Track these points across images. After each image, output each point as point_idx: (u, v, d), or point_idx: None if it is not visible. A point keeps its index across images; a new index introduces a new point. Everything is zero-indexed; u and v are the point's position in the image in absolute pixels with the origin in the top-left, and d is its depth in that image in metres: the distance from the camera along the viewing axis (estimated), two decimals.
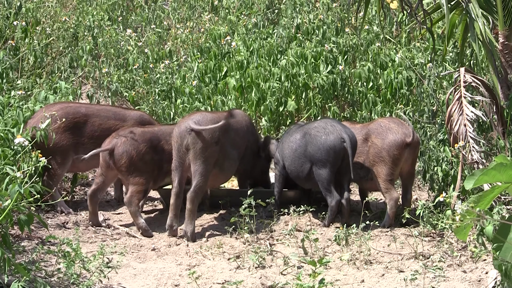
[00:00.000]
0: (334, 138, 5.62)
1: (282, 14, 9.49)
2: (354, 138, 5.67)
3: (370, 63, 7.59)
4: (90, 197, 5.78)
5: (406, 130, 5.72)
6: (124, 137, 5.73)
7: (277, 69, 7.52)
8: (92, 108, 6.25)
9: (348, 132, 5.65)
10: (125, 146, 5.70)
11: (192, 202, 5.54)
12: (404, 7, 6.07)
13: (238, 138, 5.93)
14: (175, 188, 5.60)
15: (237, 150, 5.91)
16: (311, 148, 5.71)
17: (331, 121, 5.83)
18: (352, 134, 5.68)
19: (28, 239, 5.26)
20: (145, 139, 5.79)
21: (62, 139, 5.93)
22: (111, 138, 5.79)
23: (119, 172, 5.75)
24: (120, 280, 4.73)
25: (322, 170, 5.65)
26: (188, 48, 8.88)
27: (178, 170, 5.62)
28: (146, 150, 5.75)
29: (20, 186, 4.08)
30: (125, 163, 5.68)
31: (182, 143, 5.60)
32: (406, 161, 5.77)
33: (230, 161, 5.84)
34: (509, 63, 6.04)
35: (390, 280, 4.69)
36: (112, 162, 5.70)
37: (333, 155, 5.61)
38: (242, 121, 6.07)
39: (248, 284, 4.65)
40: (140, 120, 6.21)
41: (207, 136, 5.58)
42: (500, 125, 5.87)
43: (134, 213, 5.70)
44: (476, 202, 3.19)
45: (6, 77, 7.39)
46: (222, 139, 5.71)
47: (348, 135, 5.61)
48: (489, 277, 4.51)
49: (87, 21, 9.57)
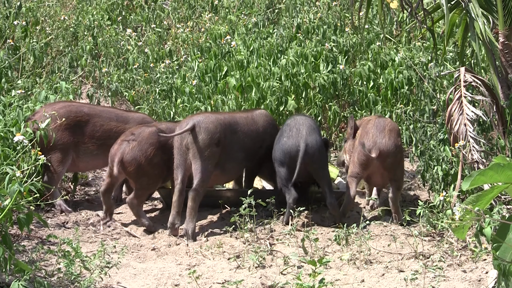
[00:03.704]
0: (292, 144, 5.68)
1: (282, 14, 9.49)
2: (314, 147, 5.66)
3: (370, 63, 7.59)
4: (103, 194, 5.81)
5: (375, 144, 5.72)
6: (131, 143, 5.72)
7: (277, 69, 7.52)
8: (95, 108, 6.26)
9: (310, 140, 5.66)
10: (133, 153, 5.70)
11: (193, 200, 5.54)
12: (404, 7, 6.07)
13: (247, 140, 5.91)
14: (178, 185, 5.60)
15: (244, 151, 5.89)
16: (275, 145, 5.85)
17: (301, 124, 5.79)
18: (313, 143, 5.67)
19: (28, 238, 5.27)
20: (153, 142, 5.78)
21: (63, 137, 5.94)
22: (119, 143, 5.78)
23: (128, 177, 5.79)
24: (120, 280, 4.73)
25: (281, 169, 5.75)
26: (188, 47, 8.88)
27: (180, 168, 5.64)
28: (154, 152, 5.76)
29: (20, 185, 4.08)
30: (134, 169, 5.69)
31: (182, 142, 5.63)
32: (374, 172, 5.80)
33: (233, 163, 5.84)
34: (509, 63, 6.04)
35: (390, 280, 4.69)
36: (121, 168, 5.72)
37: (288, 158, 5.69)
38: (258, 122, 6.04)
39: (248, 284, 4.65)
40: (143, 122, 6.20)
41: (205, 137, 5.59)
42: (500, 125, 5.87)
43: (136, 213, 5.73)
44: (475, 201, 3.19)
45: (6, 76, 7.39)
46: (225, 140, 5.71)
47: (308, 144, 5.63)
48: (489, 277, 4.51)
49: (87, 20, 9.57)
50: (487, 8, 6.14)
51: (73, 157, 6.03)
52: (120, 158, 5.70)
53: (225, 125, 5.77)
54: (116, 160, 5.71)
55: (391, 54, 7.76)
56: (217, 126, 5.69)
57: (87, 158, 6.09)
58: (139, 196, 5.73)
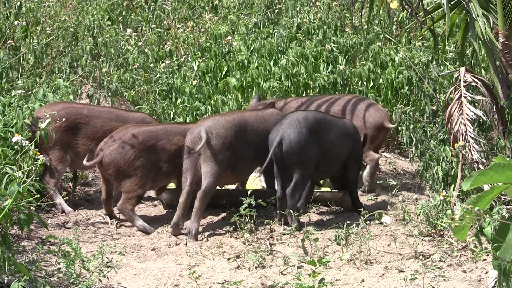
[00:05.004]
0: (274, 136, 5.68)
1: (282, 14, 9.49)
2: (291, 143, 5.61)
3: (370, 63, 7.59)
4: (104, 202, 5.88)
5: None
6: (111, 146, 5.69)
7: (277, 69, 7.52)
8: (95, 110, 6.26)
9: (288, 134, 5.62)
10: (111, 156, 5.67)
11: (201, 200, 5.53)
12: (405, 6, 6.07)
13: (258, 138, 5.86)
14: (186, 187, 5.59)
15: (255, 151, 5.84)
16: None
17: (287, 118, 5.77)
18: (291, 138, 5.61)
19: (28, 239, 5.26)
20: (134, 143, 5.71)
21: (62, 137, 5.96)
22: (100, 147, 5.76)
23: (111, 179, 5.78)
24: (120, 280, 4.73)
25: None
26: (188, 47, 8.88)
27: (189, 172, 5.62)
28: (136, 155, 5.71)
29: (19, 186, 4.08)
30: (113, 172, 5.67)
31: (195, 148, 5.60)
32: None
33: (244, 161, 5.80)
34: (509, 63, 6.04)
35: (390, 280, 4.69)
36: (103, 171, 5.73)
37: (271, 150, 5.65)
38: (269, 121, 5.98)
39: (248, 284, 4.65)
40: (143, 122, 6.20)
41: (217, 143, 5.58)
42: (500, 125, 5.87)
43: (129, 218, 5.73)
44: (475, 202, 3.18)
45: (6, 76, 7.39)
46: (236, 142, 5.69)
47: (283, 138, 5.61)
48: (489, 277, 4.51)
49: (87, 20, 9.56)
50: (487, 8, 6.14)
51: (73, 158, 6.04)
52: (99, 160, 5.68)
53: (235, 126, 5.73)
54: (95, 160, 5.71)
55: (391, 54, 7.76)
56: (227, 129, 5.67)
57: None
58: (128, 200, 5.69)
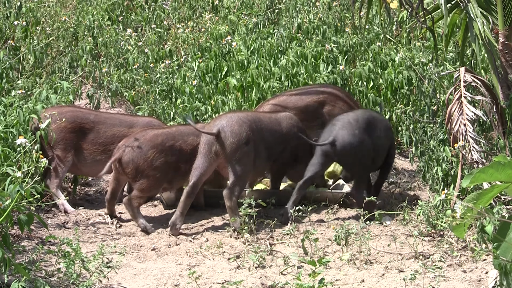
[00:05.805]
0: (325, 137, 5.93)
1: (282, 14, 9.49)
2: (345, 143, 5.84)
3: (370, 63, 7.59)
4: (109, 201, 5.89)
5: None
6: (132, 145, 5.72)
7: (277, 69, 7.52)
8: (101, 116, 6.27)
9: (342, 136, 5.84)
10: (131, 154, 5.69)
11: (229, 199, 5.52)
12: (405, 6, 6.07)
13: (272, 139, 5.87)
14: (188, 188, 5.58)
15: (268, 150, 5.85)
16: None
17: (338, 120, 6.01)
18: (345, 139, 5.83)
19: (28, 239, 5.27)
20: (154, 144, 5.74)
21: (66, 137, 5.98)
22: (120, 145, 5.80)
23: (128, 178, 5.80)
24: (120, 280, 4.73)
25: None
26: (188, 47, 8.88)
27: (197, 171, 5.58)
28: (155, 155, 5.73)
29: (20, 186, 4.08)
30: (131, 171, 5.69)
31: (211, 149, 5.58)
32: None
33: (260, 159, 5.80)
34: (509, 63, 6.04)
35: (390, 280, 4.69)
36: (121, 169, 5.73)
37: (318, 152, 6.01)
38: (282, 124, 5.99)
39: (248, 284, 4.65)
40: (149, 126, 6.20)
41: (233, 140, 5.56)
42: (500, 125, 5.87)
43: (133, 215, 5.73)
44: (475, 200, 3.19)
45: (6, 77, 7.39)
46: (254, 137, 5.68)
47: (336, 139, 5.83)
48: (489, 277, 4.51)
49: (87, 21, 9.56)
50: (487, 8, 6.14)
51: (75, 162, 6.07)
52: (118, 157, 5.70)
53: (249, 121, 5.72)
54: (113, 159, 5.72)
55: (391, 54, 7.76)
56: (241, 125, 5.64)
57: (90, 164, 6.12)
58: (138, 198, 5.72)
